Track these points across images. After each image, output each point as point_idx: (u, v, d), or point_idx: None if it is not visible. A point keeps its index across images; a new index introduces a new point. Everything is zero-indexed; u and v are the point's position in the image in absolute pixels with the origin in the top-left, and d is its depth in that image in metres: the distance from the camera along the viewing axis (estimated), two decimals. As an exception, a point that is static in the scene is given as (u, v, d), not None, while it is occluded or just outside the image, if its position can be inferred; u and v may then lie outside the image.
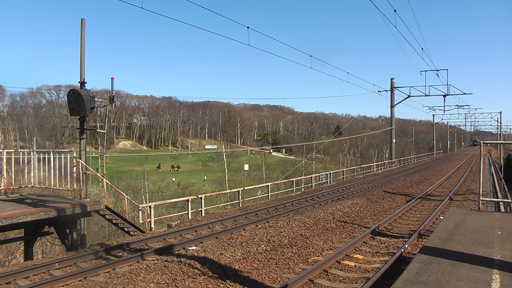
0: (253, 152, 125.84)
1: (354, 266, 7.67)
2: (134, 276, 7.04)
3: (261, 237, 9.76)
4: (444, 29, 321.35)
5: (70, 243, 11.35)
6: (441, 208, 13.55)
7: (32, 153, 13.12)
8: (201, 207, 15.23)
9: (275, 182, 29.49)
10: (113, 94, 12.81)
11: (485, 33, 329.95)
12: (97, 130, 13.66)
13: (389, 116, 44.90)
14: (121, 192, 16.75)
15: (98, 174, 12.81)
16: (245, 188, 19.47)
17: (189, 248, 9.07)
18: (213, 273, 7.22)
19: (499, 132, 70.36)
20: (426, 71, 37.93)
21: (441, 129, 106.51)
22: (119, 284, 6.73)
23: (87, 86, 12.79)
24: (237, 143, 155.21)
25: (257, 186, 27.12)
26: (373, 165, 39.30)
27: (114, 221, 11.94)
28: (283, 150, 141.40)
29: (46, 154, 12.68)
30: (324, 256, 8.37)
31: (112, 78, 12.75)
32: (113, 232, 24.13)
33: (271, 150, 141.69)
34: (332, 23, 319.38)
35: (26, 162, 13.84)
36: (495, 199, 14.81)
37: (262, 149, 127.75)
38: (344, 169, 34.34)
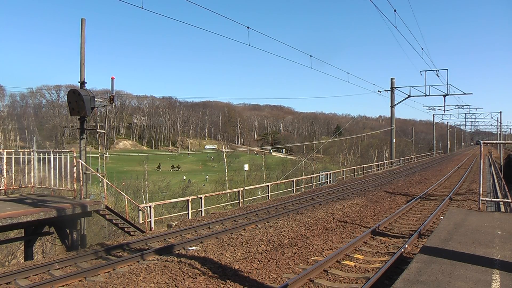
0: (256, 152, 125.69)
1: (354, 266, 7.67)
2: (134, 276, 7.04)
3: (261, 237, 9.76)
4: (444, 29, 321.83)
5: (70, 243, 11.35)
6: (441, 208, 13.55)
7: (32, 153, 13.12)
8: (201, 207, 15.23)
9: (275, 182, 29.47)
10: (113, 94, 12.81)
11: (485, 33, 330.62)
12: (97, 130, 13.63)
13: (389, 116, 44.93)
14: (121, 192, 16.73)
15: (98, 174, 12.79)
16: (245, 188, 19.47)
17: (189, 248, 9.07)
18: (213, 273, 7.22)
19: (499, 132, 70.42)
20: (426, 71, 37.99)
21: (441, 129, 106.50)
22: (119, 284, 6.73)
23: (87, 86, 12.80)
24: (237, 143, 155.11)
25: (257, 186, 27.13)
26: (373, 165, 39.33)
27: (114, 221, 11.94)
28: (283, 150, 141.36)
29: (46, 154, 12.68)
30: (324, 256, 8.37)
31: (112, 78, 12.75)
32: (113, 232, 24.14)
33: (271, 150, 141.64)
34: (332, 23, 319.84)
35: (26, 162, 13.84)
36: (495, 199, 14.81)
37: (262, 149, 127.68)
38: (344, 169, 34.35)
